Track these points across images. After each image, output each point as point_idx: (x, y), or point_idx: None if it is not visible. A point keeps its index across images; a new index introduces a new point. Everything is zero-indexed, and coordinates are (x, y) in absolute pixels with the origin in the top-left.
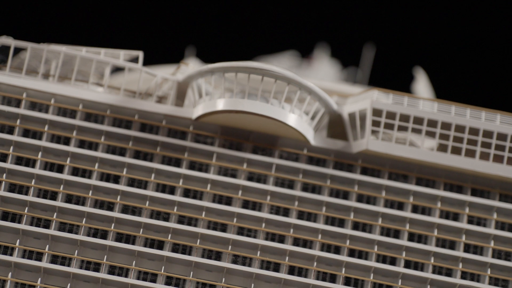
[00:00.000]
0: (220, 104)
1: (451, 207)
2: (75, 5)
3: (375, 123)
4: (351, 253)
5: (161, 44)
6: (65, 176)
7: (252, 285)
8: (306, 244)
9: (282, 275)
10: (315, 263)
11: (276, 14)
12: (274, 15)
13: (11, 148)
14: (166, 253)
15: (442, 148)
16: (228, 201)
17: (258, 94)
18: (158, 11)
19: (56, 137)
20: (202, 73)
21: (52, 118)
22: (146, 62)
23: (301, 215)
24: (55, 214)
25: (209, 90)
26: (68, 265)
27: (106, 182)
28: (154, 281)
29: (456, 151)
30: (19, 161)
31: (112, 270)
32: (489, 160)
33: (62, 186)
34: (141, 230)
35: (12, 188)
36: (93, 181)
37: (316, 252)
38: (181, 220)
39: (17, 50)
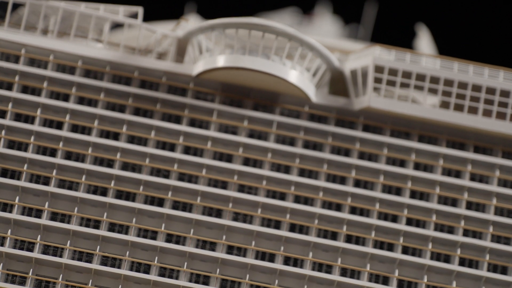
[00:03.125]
0: (221, 61)
1: (453, 164)
2: None
3: (377, 80)
4: (353, 210)
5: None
6: (64, 132)
7: (253, 242)
8: (307, 201)
9: (283, 232)
10: (316, 221)
11: None
12: None
13: (10, 104)
14: (166, 210)
15: (444, 105)
16: (229, 159)
17: (259, 51)
18: None
19: (55, 93)
20: (202, 29)
21: (51, 75)
22: (146, 18)
23: (302, 173)
24: (55, 171)
25: (210, 46)
26: (68, 222)
27: (105, 139)
28: (154, 238)
29: (458, 108)
30: (17, 117)
31: (112, 228)
32: (491, 117)
33: (61, 143)
34: (141, 187)
35: (11, 145)
36: (93, 138)
37: (317, 209)
38: (181, 177)
39: (16, 6)
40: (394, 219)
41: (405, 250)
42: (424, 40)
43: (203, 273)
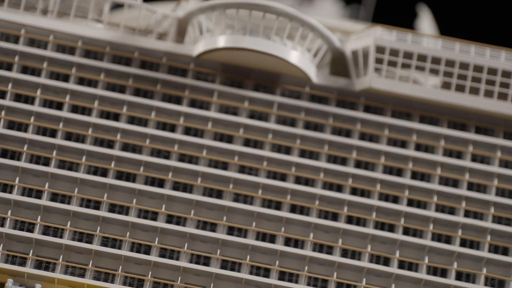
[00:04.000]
0: (221, 41)
1: (454, 145)
2: None
3: (378, 61)
4: (354, 191)
5: None
6: (65, 113)
7: (254, 223)
8: (308, 182)
9: (284, 213)
10: (317, 202)
11: None
12: None
13: (10, 85)
14: (166, 191)
15: (446, 85)
16: (229, 139)
17: (260, 31)
18: None
19: (55, 74)
20: (202, 10)
21: (51, 55)
22: None
23: (303, 154)
24: (55, 152)
25: (210, 27)
26: (68, 203)
27: (106, 119)
28: (154, 219)
29: (460, 88)
30: (17, 98)
31: (112, 208)
32: (493, 97)
33: (61, 124)
34: (142, 168)
35: (11, 125)
36: (93, 119)
37: (318, 190)
38: (181, 158)
39: None
40: (395, 200)
41: (406, 231)
42: (426, 21)
43: (203, 254)
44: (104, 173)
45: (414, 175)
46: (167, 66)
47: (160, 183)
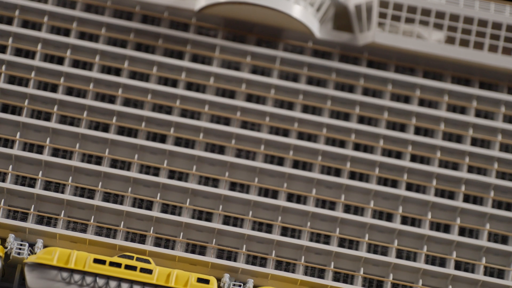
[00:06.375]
0: None
1: (458, 100)
2: None
3: (382, 15)
4: (357, 147)
5: None
6: (66, 68)
7: (256, 179)
8: (310, 138)
9: (286, 169)
10: (319, 157)
11: None
12: None
13: (10, 39)
14: (168, 146)
15: (450, 40)
16: (232, 95)
17: None
18: None
19: (56, 28)
20: None
21: (52, 9)
22: None
23: (305, 109)
24: (56, 106)
25: None
26: (70, 158)
27: (107, 74)
28: (156, 174)
29: (464, 43)
30: (18, 52)
31: (114, 164)
32: (497, 52)
33: (62, 79)
34: (143, 123)
35: (11, 80)
36: (94, 74)
37: (320, 146)
38: (183, 113)
39: None
40: (398, 155)
41: (409, 187)
42: None
43: (205, 209)
44: (105, 128)
45: (417, 130)
46: (169, 20)
47: (162, 139)
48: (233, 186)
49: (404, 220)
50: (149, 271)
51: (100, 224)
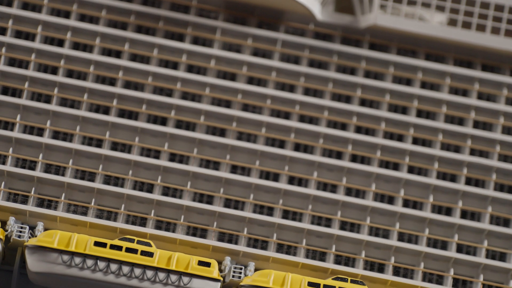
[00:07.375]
0: None
1: (460, 83)
2: None
3: None
4: (358, 129)
5: None
6: (66, 50)
7: (257, 162)
8: (312, 120)
9: (288, 152)
10: (321, 140)
11: None
12: None
13: (10, 21)
14: (169, 129)
15: (452, 22)
16: (233, 77)
17: None
18: None
19: (56, 10)
20: None
21: None
22: None
23: (307, 91)
24: (56, 89)
25: None
26: (70, 141)
27: (107, 57)
28: (157, 157)
29: (466, 25)
30: (18, 34)
31: (114, 146)
32: (500, 35)
33: (62, 61)
34: (144, 106)
35: (11, 62)
36: (95, 56)
37: (322, 128)
38: (184, 96)
39: None
40: (400, 138)
41: (411, 170)
42: None
43: (206, 192)
44: (106, 111)
45: (419, 113)
46: (169, 2)
47: (163, 121)
48: (234, 169)
49: (406, 203)
50: (150, 254)
51: (100, 207)
